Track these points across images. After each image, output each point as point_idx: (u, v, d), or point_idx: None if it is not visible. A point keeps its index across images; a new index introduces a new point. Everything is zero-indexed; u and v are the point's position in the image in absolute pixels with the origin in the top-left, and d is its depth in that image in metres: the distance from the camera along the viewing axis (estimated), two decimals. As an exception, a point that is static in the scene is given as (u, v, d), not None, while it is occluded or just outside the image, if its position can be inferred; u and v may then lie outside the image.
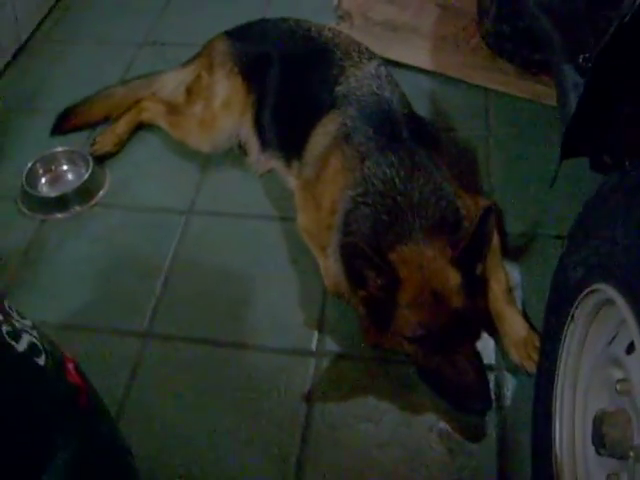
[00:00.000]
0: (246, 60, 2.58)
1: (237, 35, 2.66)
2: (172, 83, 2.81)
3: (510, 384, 1.94)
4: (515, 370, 1.96)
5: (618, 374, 1.31)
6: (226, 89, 2.59)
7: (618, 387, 1.27)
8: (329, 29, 2.55)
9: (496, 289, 2.05)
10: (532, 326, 1.99)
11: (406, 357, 1.95)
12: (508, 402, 1.91)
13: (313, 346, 2.07)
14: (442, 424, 1.87)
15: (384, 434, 1.86)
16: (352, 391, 1.96)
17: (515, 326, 1.99)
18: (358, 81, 2.25)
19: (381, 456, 1.82)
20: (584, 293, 1.40)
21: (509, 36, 2.79)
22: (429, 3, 3.31)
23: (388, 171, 1.99)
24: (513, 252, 2.24)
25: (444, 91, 2.91)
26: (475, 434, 1.85)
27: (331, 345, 2.07)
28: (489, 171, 2.53)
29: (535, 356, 1.90)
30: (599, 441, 1.28)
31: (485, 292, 2.06)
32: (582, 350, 1.50)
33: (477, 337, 1.95)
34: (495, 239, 2.12)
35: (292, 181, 2.41)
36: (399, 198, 1.94)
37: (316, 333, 2.10)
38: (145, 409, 1.94)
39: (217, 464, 1.82)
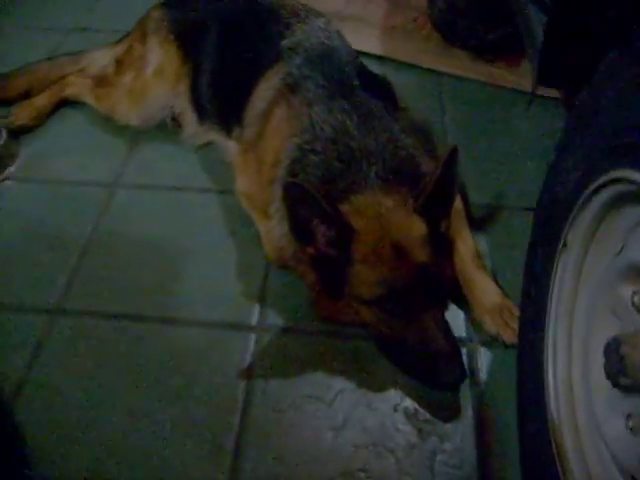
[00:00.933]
0: (183, 27, 2.33)
1: (174, 3, 2.43)
2: (102, 59, 2.54)
3: (485, 358, 1.68)
4: (490, 342, 1.70)
5: (631, 289, 1.06)
6: (159, 57, 2.33)
7: (636, 300, 1.02)
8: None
9: (464, 252, 1.81)
10: (506, 294, 1.74)
11: (364, 329, 1.67)
12: (484, 377, 1.64)
13: (253, 320, 1.77)
14: (408, 402, 1.58)
15: (339, 416, 1.55)
16: (300, 368, 1.66)
17: (488, 292, 1.74)
18: (305, 33, 2.03)
19: (338, 441, 1.51)
20: (580, 202, 1.17)
21: (461, 21, 2.65)
22: (377, -5, 3.17)
23: (340, 117, 1.75)
24: (478, 223, 2.01)
25: (395, 75, 2.67)
26: (448, 413, 1.56)
27: (275, 319, 1.77)
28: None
29: (513, 324, 1.65)
30: (617, 369, 1.01)
31: (452, 257, 1.81)
32: (579, 279, 1.25)
33: (446, 300, 1.68)
34: (458, 202, 1.90)
35: (232, 148, 2.14)
36: (352, 144, 1.69)
37: (257, 307, 1.80)
38: (47, 391, 1.58)
39: (133, 453, 1.47)
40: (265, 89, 1.97)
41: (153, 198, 2.14)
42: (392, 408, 1.57)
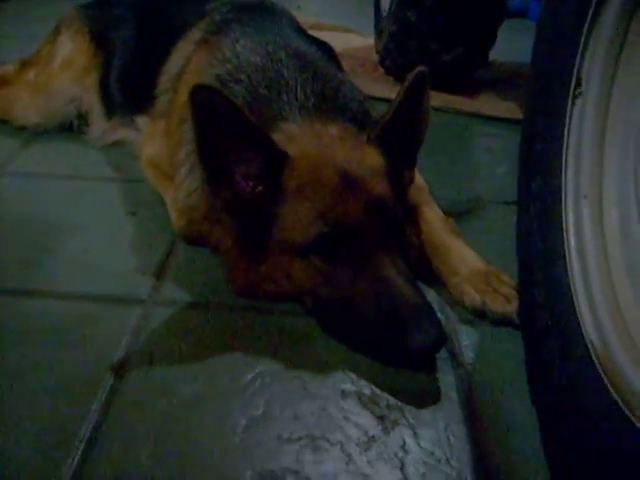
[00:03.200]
0: (97, 22, 2.07)
1: (91, 4, 2.17)
2: (8, 67, 2.20)
3: (468, 337, 1.20)
4: (471, 320, 1.23)
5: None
6: (68, 49, 2.04)
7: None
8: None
9: (432, 218, 1.40)
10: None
11: (298, 303, 1.21)
12: (470, 358, 1.15)
13: (143, 294, 1.27)
14: (362, 386, 1.07)
15: (258, 402, 1.03)
16: (204, 348, 1.15)
17: (466, 259, 1.31)
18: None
19: (254, 433, 0.97)
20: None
21: (413, 42, 2.47)
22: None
23: (270, 48, 1.42)
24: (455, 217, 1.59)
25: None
26: (424, 399, 1.06)
27: (175, 293, 1.29)
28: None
29: (504, 289, 1.21)
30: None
31: (416, 229, 1.39)
32: (605, 124, 0.85)
33: (408, 251, 1.23)
34: (422, 181, 1.53)
35: (142, 124, 1.76)
36: (285, 72, 1.35)
37: (152, 281, 1.32)
38: None
39: None
40: (184, 47, 1.66)
41: (42, 185, 1.71)
42: (338, 393, 1.05)
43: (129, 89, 1.88)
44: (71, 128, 2.02)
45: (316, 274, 1.14)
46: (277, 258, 1.17)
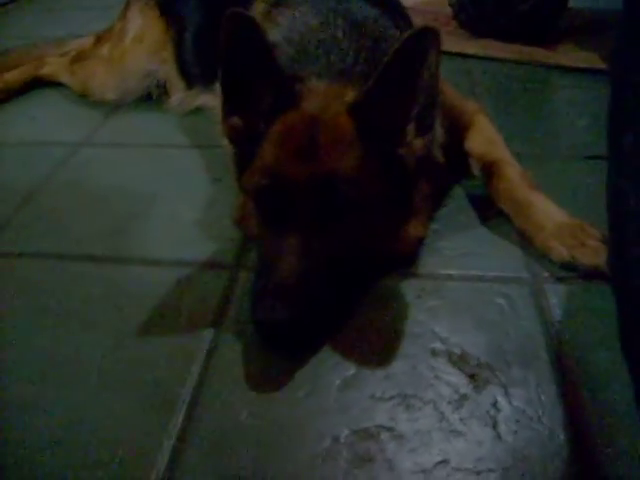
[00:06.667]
0: None
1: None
2: (85, 42, 2.27)
3: (555, 294, 1.18)
4: (559, 277, 1.21)
5: None
6: (139, 24, 2.06)
7: None
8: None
9: (510, 173, 1.37)
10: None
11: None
12: (558, 316, 1.14)
13: (230, 259, 1.31)
14: (452, 344, 1.09)
15: (348, 365, 1.05)
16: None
17: (550, 213, 1.28)
18: None
19: (347, 393, 1.00)
20: None
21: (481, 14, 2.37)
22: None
23: (329, 13, 1.38)
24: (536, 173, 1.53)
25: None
26: (512, 357, 1.05)
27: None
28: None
29: (591, 241, 1.18)
30: None
31: (493, 185, 1.37)
32: None
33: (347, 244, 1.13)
34: (494, 132, 1.50)
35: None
36: (338, 33, 1.32)
37: (238, 246, 1.35)
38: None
39: (54, 406, 0.98)
40: None
41: (124, 153, 1.77)
42: (428, 352, 1.07)
43: (203, 59, 1.90)
44: (150, 97, 2.06)
45: (255, 222, 1.17)
46: (247, 199, 1.21)
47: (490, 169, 1.39)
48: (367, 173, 1.10)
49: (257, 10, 1.63)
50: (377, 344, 1.08)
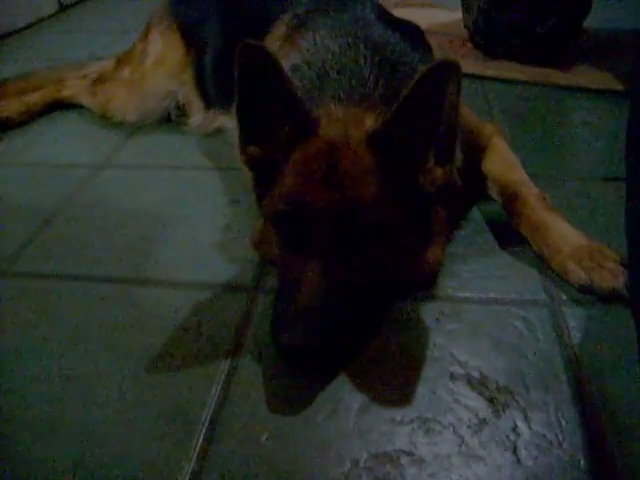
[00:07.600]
0: (186, 16, 2.11)
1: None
2: (106, 65, 2.31)
3: (574, 317, 1.18)
4: (577, 300, 1.21)
5: None
6: (160, 46, 2.10)
7: None
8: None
9: (527, 195, 1.37)
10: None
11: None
12: (577, 339, 1.13)
13: (247, 281, 1.32)
14: (471, 368, 1.09)
15: (367, 387, 1.05)
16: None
17: (567, 236, 1.28)
18: None
19: (366, 416, 1.01)
20: None
21: (505, 17, 2.38)
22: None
23: (349, 37, 1.39)
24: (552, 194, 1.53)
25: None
26: (532, 380, 1.05)
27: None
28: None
29: (609, 264, 1.18)
30: None
31: (511, 208, 1.38)
32: None
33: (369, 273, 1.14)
34: (509, 154, 1.50)
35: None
36: (358, 58, 1.32)
37: (256, 268, 1.36)
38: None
39: (70, 427, 0.99)
40: (270, 43, 1.66)
41: (143, 175, 1.79)
42: (447, 375, 1.07)
43: (222, 82, 1.92)
44: (170, 119, 2.09)
45: (275, 247, 1.17)
46: (267, 223, 1.21)
47: (507, 191, 1.40)
48: (387, 201, 1.10)
49: (278, 33, 1.67)
50: (396, 367, 1.09)
